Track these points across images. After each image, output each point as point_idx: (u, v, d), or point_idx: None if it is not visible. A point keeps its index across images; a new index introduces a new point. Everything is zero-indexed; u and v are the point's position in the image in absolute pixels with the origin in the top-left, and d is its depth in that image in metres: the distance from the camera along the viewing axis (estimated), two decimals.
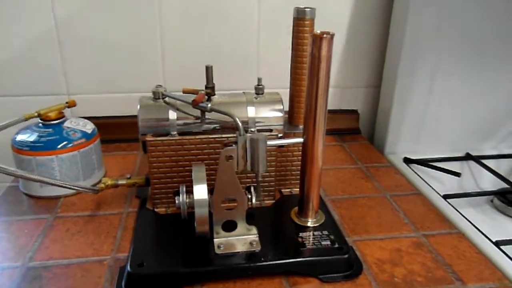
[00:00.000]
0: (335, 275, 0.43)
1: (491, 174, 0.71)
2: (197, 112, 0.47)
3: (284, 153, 0.53)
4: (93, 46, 0.70)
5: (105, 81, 0.73)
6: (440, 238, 0.50)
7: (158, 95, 0.48)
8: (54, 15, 0.68)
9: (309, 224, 0.48)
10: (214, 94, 0.49)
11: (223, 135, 0.47)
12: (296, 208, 0.49)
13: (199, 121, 0.47)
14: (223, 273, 0.42)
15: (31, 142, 0.55)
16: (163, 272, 0.41)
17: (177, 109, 0.48)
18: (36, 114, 0.56)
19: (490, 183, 0.74)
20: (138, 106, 0.48)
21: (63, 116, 0.59)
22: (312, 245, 0.44)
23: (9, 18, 0.67)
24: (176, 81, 0.74)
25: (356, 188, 0.61)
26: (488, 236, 0.53)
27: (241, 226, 0.44)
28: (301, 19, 0.47)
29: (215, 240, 0.44)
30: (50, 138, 0.56)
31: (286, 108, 0.53)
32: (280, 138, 0.49)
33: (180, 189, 0.41)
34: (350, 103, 0.83)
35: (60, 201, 0.56)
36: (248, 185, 0.51)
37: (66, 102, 0.60)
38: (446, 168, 0.72)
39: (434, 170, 0.72)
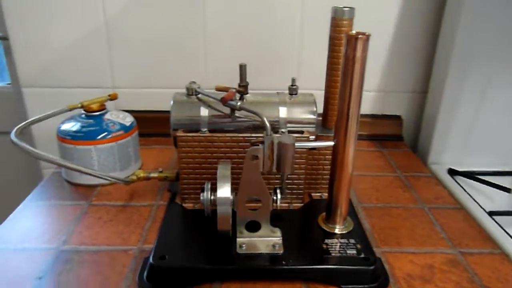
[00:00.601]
0: (358, 286, 0.41)
1: None
2: (229, 110, 0.47)
3: (316, 156, 0.51)
4: (139, 43, 0.73)
5: (148, 77, 0.75)
6: (479, 257, 0.47)
7: (191, 92, 0.48)
8: (104, 12, 0.71)
9: (336, 231, 0.46)
10: (247, 93, 0.49)
11: (253, 135, 0.47)
12: (324, 213, 0.48)
13: (229, 119, 0.47)
14: (243, 273, 0.41)
15: (73, 131, 0.57)
16: (183, 266, 0.41)
17: (209, 106, 0.48)
18: (79, 105, 0.59)
19: None
20: (172, 102, 0.49)
21: (105, 108, 0.61)
22: (337, 253, 0.43)
23: (63, 14, 0.70)
24: (217, 78, 0.75)
25: (392, 197, 0.58)
26: None
27: (265, 227, 0.44)
28: (339, 19, 0.45)
29: (238, 239, 0.44)
30: (90, 128, 0.58)
31: (321, 110, 0.52)
32: (310, 140, 0.47)
33: (205, 186, 0.41)
34: (393, 108, 0.79)
35: (97, 189, 0.59)
36: (275, 186, 0.50)
37: (109, 95, 0.62)
38: (495, 182, 0.67)
39: (481, 184, 0.67)
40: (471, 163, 0.72)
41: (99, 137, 0.58)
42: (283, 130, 0.48)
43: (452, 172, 0.70)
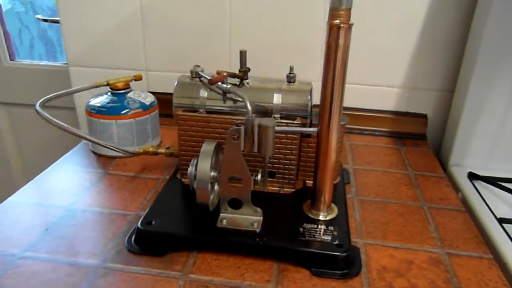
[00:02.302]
0: (327, 271, 0.42)
1: None
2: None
3: (311, 144, 0.52)
4: (169, 28, 0.77)
5: (177, 60, 0.80)
6: (466, 260, 0.45)
7: (194, 74, 0.52)
8: (140, 0, 0.76)
9: (317, 217, 0.47)
10: (247, 78, 0.51)
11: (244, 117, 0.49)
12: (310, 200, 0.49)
13: (229, 102, 0.50)
14: (218, 245, 0.44)
15: (98, 106, 0.64)
16: (165, 232, 0.45)
17: (209, 89, 0.51)
18: (105, 83, 0.65)
19: None
20: (176, 83, 0.52)
21: (129, 87, 0.67)
22: (311, 237, 0.44)
23: (104, 2, 0.77)
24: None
25: (393, 193, 0.58)
26: None
27: (247, 206, 0.46)
28: (336, 8, 0.46)
29: (221, 214, 0.47)
30: (113, 105, 0.64)
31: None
32: (293, 126, 0.48)
33: (192, 161, 0.45)
34: (419, 106, 0.77)
35: (115, 161, 0.64)
36: (268, 170, 0.52)
37: (134, 76, 0.68)
38: None
39: (504, 192, 0.63)
40: (496, 169, 0.68)
41: (120, 113, 0.63)
42: (276, 115, 0.49)
43: (472, 176, 0.67)
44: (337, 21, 0.39)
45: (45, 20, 1.03)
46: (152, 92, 0.71)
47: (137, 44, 0.80)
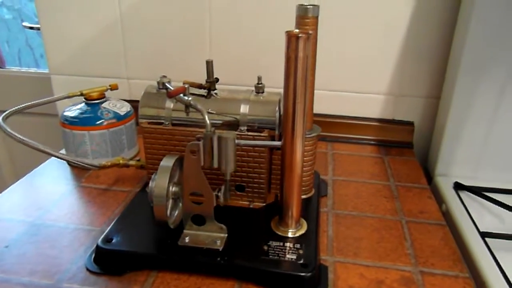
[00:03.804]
0: None
1: None
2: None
3: None
4: (151, 36, 0.76)
5: (157, 69, 0.78)
6: (440, 279, 0.43)
7: (161, 85, 0.50)
8: (120, 8, 0.75)
9: (285, 234, 0.45)
10: (215, 89, 0.49)
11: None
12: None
13: (190, 113, 0.48)
14: (178, 264, 0.42)
15: (71, 117, 0.62)
16: (124, 251, 0.43)
17: (176, 100, 0.49)
18: (79, 93, 0.63)
19: None
20: (142, 93, 0.51)
21: (104, 97, 0.66)
22: (275, 256, 0.42)
23: (84, 9, 0.76)
24: (221, 73, 0.76)
25: (371, 206, 0.55)
26: None
27: (210, 222, 0.44)
28: (303, 17, 0.44)
29: (184, 231, 0.45)
30: (86, 115, 0.62)
31: None
32: (257, 139, 0.47)
33: (152, 176, 0.43)
34: (406, 113, 0.75)
35: (89, 172, 0.63)
36: (237, 183, 0.51)
37: (109, 85, 0.66)
38: (507, 202, 0.60)
39: (489, 203, 0.61)
40: (483, 178, 0.66)
41: (93, 123, 0.62)
42: (242, 128, 0.47)
43: (458, 186, 0.64)
44: (296, 30, 0.37)
45: (31, 28, 1.02)
46: (134, 101, 0.69)
47: (118, 52, 0.79)
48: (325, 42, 0.69)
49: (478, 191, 0.62)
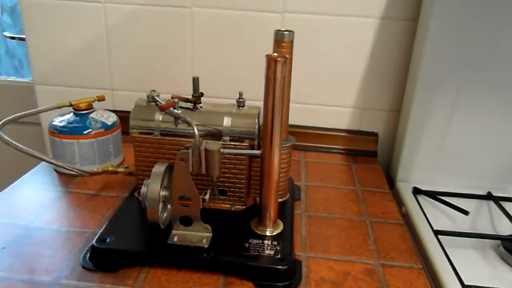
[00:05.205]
0: (269, 283, 0.45)
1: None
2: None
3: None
4: (135, 50, 0.81)
5: (141, 81, 0.83)
6: (398, 270, 0.49)
7: (150, 98, 0.55)
8: (105, 23, 0.79)
9: (263, 233, 0.51)
10: (200, 102, 0.55)
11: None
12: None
13: (179, 125, 0.53)
14: (168, 261, 0.47)
15: (60, 126, 0.66)
16: (118, 249, 0.47)
17: (165, 113, 0.54)
18: (68, 103, 0.67)
19: (510, 228, 0.69)
20: (133, 105, 0.55)
21: (92, 108, 0.69)
22: (256, 252, 0.47)
23: (71, 22, 0.80)
24: (203, 86, 0.81)
25: (340, 208, 0.62)
26: (464, 280, 0.51)
27: (197, 223, 0.49)
28: (279, 41, 0.50)
29: (173, 231, 0.49)
30: (75, 125, 0.66)
31: None
32: (239, 148, 0.52)
33: (144, 181, 0.47)
34: (371, 125, 0.82)
35: (77, 179, 0.66)
36: (220, 188, 0.56)
37: (97, 96, 0.70)
38: (457, 204, 0.68)
39: (443, 205, 0.69)
40: (438, 183, 0.74)
41: (81, 133, 0.65)
42: (225, 138, 0.53)
43: (416, 191, 0.72)
44: (275, 54, 0.43)
45: (13, 38, 1.04)
46: (117, 111, 0.73)
47: (102, 64, 0.83)
48: (300, 61, 0.76)
49: (433, 195, 0.70)
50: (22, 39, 0.91)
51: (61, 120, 0.67)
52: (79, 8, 0.78)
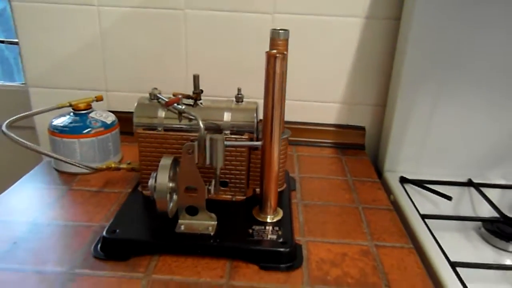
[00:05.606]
0: (273, 265, 0.48)
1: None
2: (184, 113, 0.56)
3: (259, 156, 0.59)
4: (129, 51, 0.83)
5: (136, 82, 0.85)
6: (390, 250, 0.53)
7: (152, 96, 0.57)
8: (100, 26, 0.81)
9: (265, 220, 0.54)
10: (200, 99, 0.57)
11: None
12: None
13: (186, 120, 0.56)
14: (176, 248, 0.49)
15: (61, 126, 0.67)
16: (129, 239, 0.50)
17: (167, 109, 0.57)
18: (67, 104, 0.69)
19: (489, 212, 0.74)
20: (136, 104, 0.58)
21: (91, 108, 0.71)
22: (259, 237, 0.50)
23: (66, 26, 0.81)
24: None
25: (333, 197, 0.65)
26: (450, 257, 0.55)
27: (202, 212, 0.52)
28: (275, 39, 0.53)
29: (179, 221, 0.52)
30: (75, 124, 0.68)
31: None
32: (241, 140, 0.55)
33: (152, 174, 0.50)
34: (358, 119, 0.86)
35: (78, 177, 0.68)
36: (221, 180, 0.59)
37: (95, 97, 0.72)
38: (443, 191, 0.72)
39: (428, 192, 0.73)
40: (423, 173, 0.78)
41: (82, 132, 0.67)
42: (226, 131, 0.56)
43: (403, 180, 0.76)
44: (274, 51, 0.47)
45: (2, 42, 1.05)
46: (112, 111, 0.75)
47: (97, 65, 0.84)
48: (290, 60, 0.79)
49: (419, 183, 0.75)
50: (13, 43, 0.92)
51: (61, 120, 0.69)
52: (72, 12, 0.80)
